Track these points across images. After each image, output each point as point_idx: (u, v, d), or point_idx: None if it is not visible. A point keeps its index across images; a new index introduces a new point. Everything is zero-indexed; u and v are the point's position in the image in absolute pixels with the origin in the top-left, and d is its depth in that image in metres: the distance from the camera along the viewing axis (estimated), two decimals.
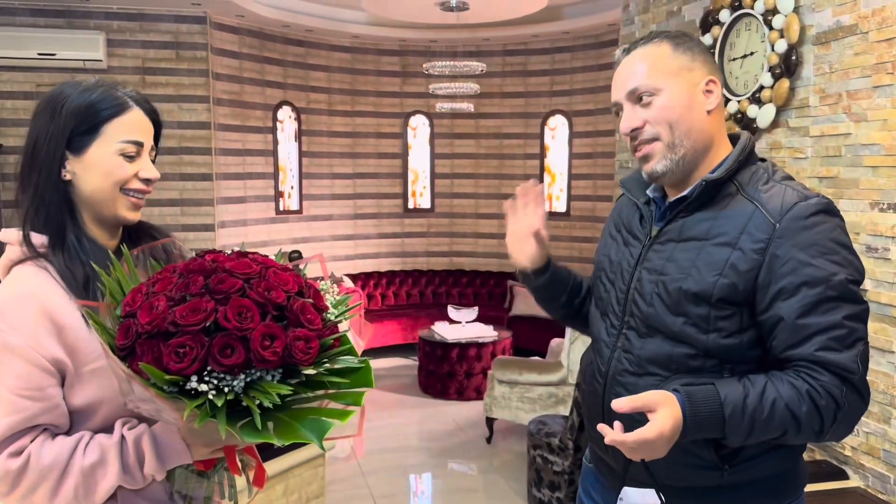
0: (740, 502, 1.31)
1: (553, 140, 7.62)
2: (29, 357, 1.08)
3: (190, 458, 1.10)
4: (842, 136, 2.78)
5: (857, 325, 1.21)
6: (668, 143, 1.29)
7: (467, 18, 6.43)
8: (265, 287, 0.96)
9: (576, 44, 7.29)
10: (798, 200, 1.24)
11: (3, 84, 5.73)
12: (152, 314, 0.93)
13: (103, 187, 1.18)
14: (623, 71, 1.33)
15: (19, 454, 1.07)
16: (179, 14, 6.00)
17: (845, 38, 2.75)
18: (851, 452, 2.75)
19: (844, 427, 1.22)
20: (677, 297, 1.27)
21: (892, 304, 2.55)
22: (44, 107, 1.19)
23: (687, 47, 1.32)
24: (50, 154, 1.16)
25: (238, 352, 0.92)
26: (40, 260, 1.15)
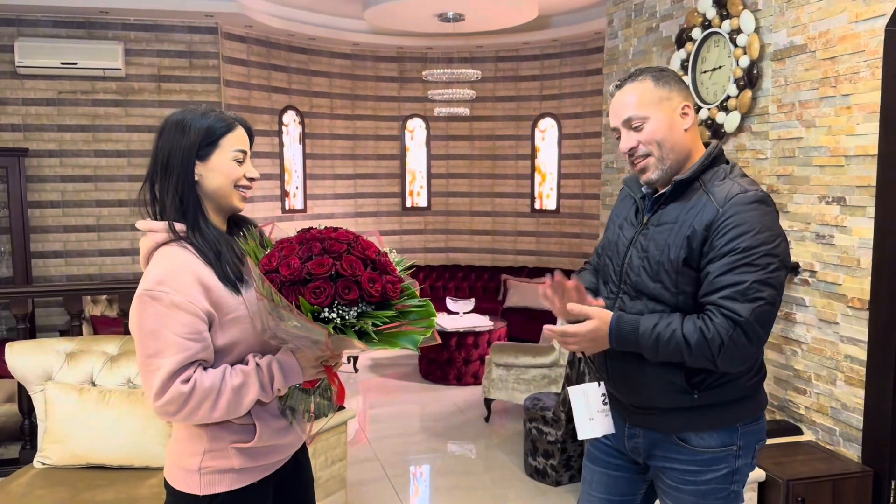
0: (710, 420, 1.74)
1: (543, 141, 8.04)
2: (190, 310, 1.47)
3: (302, 377, 1.52)
4: (795, 140, 3.22)
5: (763, 287, 1.58)
6: (658, 157, 1.71)
7: (463, 28, 6.81)
8: (361, 248, 1.40)
9: (564, 50, 7.70)
10: (738, 192, 1.65)
11: (28, 91, 6.09)
12: (291, 269, 1.36)
13: (224, 184, 1.59)
14: (617, 103, 1.75)
15: (188, 381, 1.46)
16: (192, 25, 6.37)
17: (797, 56, 3.19)
18: (805, 412, 3.19)
19: (731, 360, 1.61)
20: (656, 268, 1.70)
21: (836, 283, 2.99)
22: (171, 127, 1.58)
23: (664, 81, 1.73)
24: (185, 161, 1.56)
25: (354, 290, 1.35)
26: (181, 241, 1.55)
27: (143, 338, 1.46)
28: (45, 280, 6.22)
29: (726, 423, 1.74)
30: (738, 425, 1.74)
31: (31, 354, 2.69)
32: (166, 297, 1.45)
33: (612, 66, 4.77)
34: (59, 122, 6.18)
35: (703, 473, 1.74)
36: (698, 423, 1.73)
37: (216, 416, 1.49)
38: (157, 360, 1.45)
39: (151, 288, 1.46)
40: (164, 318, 1.44)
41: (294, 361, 1.51)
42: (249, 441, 1.56)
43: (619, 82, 1.80)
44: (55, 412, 2.62)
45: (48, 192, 6.21)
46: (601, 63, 7.31)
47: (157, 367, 1.45)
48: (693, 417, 1.73)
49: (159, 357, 1.45)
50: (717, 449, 1.73)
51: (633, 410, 1.82)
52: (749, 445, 1.76)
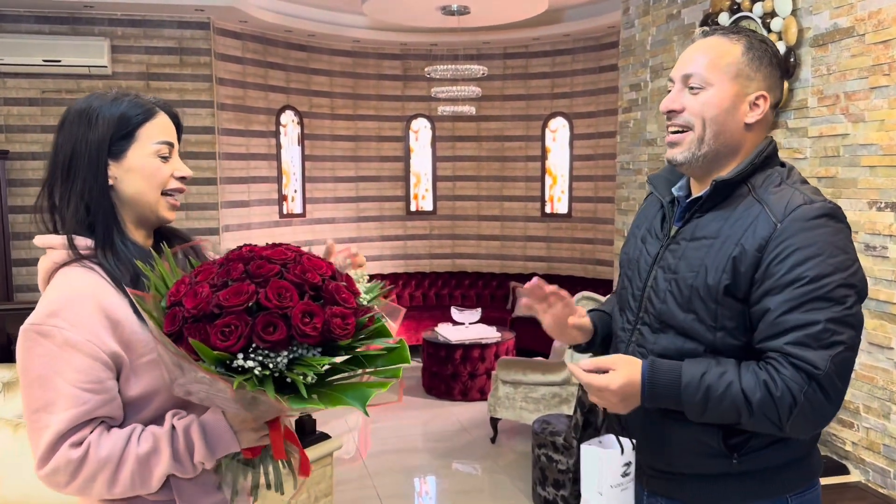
0: (752, 490, 1.35)
1: (554, 142, 7.68)
2: (89, 351, 1.13)
3: (238, 445, 1.15)
4: (840, 137, 2.82)
5: (840, 328, 1.22)
6: (698, 136, 1.34)
7: (468, 22, 6.48)
8: (301, 270, 1.03)
9: (576, 46, 7.34)
10: (802, 203, 1.27)
11: (9, 91, 5.79)
12: (197, 299, 0.99)
13: (145, 188, 1.25)
14: (691, 51, 1.37)
15: (80, 445, 1.13)
16: (183, 20, 6.06)
17: (842, 41, 2.79)
18: (852, 448, 2.79)
19: (805, 423, 1.24)
20: (688, 293, 1.32)
21: (891, 302, 2.60)
22: (75, 118, 1.24)
23: (757, 55, 1.34)
24: (93, 161, 1.22)
25: (280, 328, 0.98)
26: (86, 261, 1.21)
27: (29, 385, 1.15)
28: (29, 289, 5.92)
29: (773, 493, 1.35)
30: (787, 496, 1.36)
31: None
32: (59, 333, 1.13)
33: (627, 58, 4.39)
34: (43, 122, 5.87)
35: None
36: (737, 494, 1.35)
37: (118, 493, 1.16)
38: (44, 416, 1.13)
39: (41, 322, 1.14)
40: (56, 361, 1.13)
41: (224, 423, 1.15)
42: None
43: (709, 28, 1.42)
44: None
45: (31, 197, 5.87)
46: (615, 59, 6.95)
47: (44, 424, 1.13)
48: (730, 486, 1.35)
49: (47, 412, 1.13)
50: None
51: (654, 475, 1.43)
52: None
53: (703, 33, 1.40)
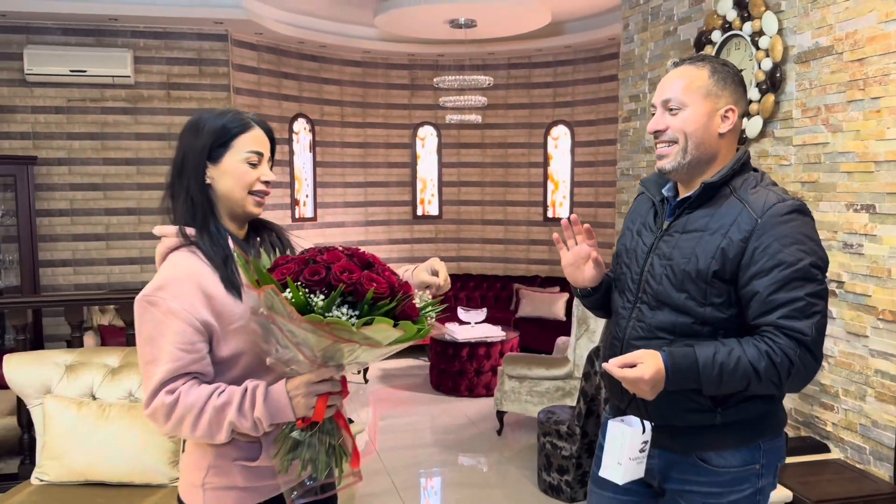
0: (732, 438, 1.63)
1: (556, 149, 7.94)
2: (186, 319, 1.40)
3: (292, 412, 1.39)
4: (821, 145, 3.10)
5: (816, 300, 1.51)
6: (682, 148, 1.60)
7: (475, 34, 6.74)
8: (357, 251, 1.34)
9: (577, 57, 7.61)
10: (777, 202, 1.55)
11: (37, 99, 6.05)
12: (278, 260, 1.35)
13: (234, 188, 1.52)
14: (666, 81, 1.65)
15: (173, 392, 1.40)
16: (202, 32, 6.33)
17: (823, 58, 3.07)
18: (832, 428, 3.06)
19: (799, 381, 1.53)
20: (681, 276, 1.59)
21: (866, 294, 2.87)
22: (188, 129, 1.53)
23: (721, 77, 1.62)
24: (196, 164, 1.50)
25: (321, 275, 1.28)
26: (191, 246, 1.49)
27: (142, 343, 1.43)
28: (54, 289, 6.17)
29: (749, 441, 1.64)
30: (760, 443, 1.65)
31: (29, 367, 2.61)
32: (163, 303, 1.41)
33: (627, 70, 4.67)
34: (69, 129, 6.14)
35: (725, 495, 1.64)
36: (720, 443, 1.63)
37: (199, 435, 1.42)
38: (151, 368, 1.41)
39: (150, 293, 1.43)
40: (160, 325, 1.41)
41: (282, 390, 1.40)
42: (254, 459, 1.48)
43: (678, 60, 1.72)
44: (53, 427, 2.53)
45: (57, 201, 6.16)
46: (615, 69, 7.22)
47: (151, 375, 1.41)
48: (715, 436, 1.62)
49: (154, 364, 1.41)
50: (740, 468, 1.63)
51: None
52: (771, 464, 1.67)
53: (673, 64, 1.69)
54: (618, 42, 7.09)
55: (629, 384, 1.51)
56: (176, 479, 2.57)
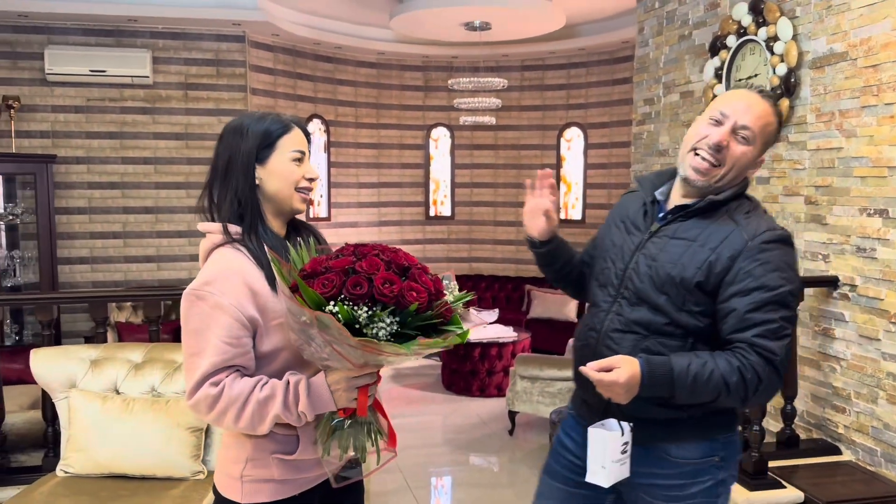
0: (693, 431, 1.70)
1: (569, 151, 7.98)
2: (232, 314, 1.45)
3: (333, 402, 1.45)
4: (835, 150, 3.12)
5: (788, 325, 1.60)
6: (723, 174, 1.66)
7: (489, 37, 6.78)
8: (394, 256, 1.36)
9: (591, 59, 7.64)
10: (767, 229, 1.63)
11: (57, 98, 6.14)
12: (314, 263, 1.34)
13: (283, 186, 1.57)
14: (751, 105, 1.67)
15: (217, 385, 1.44)
16: (220, 33, 6.40)
17: (837, 64, 3.10)
18: (844, 430, 3.08)
19: (763, 398, 1.62)
20: (664, 279, 1.65)
21: (879, 298, 2.89)
22: (231, 132, 1.58)
23: (775, 130, 1.71)
24: (244, 165, 1.55)
25: (364, 287, 1.30)
26: (235, 244, 1.54)
27: (188, 336, 1.48)
28: (71, 286, 6.26)
29: (708, 434, 1.71)
30: (718, 437, 1.72)
31: (55, 361, 2.67)
32: (211, 297, 1.45)
33: (642, 74, 4.70)
34: (87, 129, 6.22)
35: (687, 487, 1.71)
36: (680, 435, 1.70)
37: (241, 427, 1.47)
38: (196, 360, 1.46)
39: (198, 288, 1.47)
40: (207, 318, 1.45)
41: (324, 383, 1.45)
42: (292, 453, 1.53)
43: (763, 90, 1.76)
44: (78, 420, 2.59)
45: (75, 199, 6.25)
46: (629, 72, 7.25)
47: (196, 366, 1.46)
48: (675, 428, 1.69)
49: (199, 357, 1.46)
50: (700, 460, 1.70)
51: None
52: (731, 457, 1.75)
53: (759, 92, 1.71)
54: (632, 45, 7.11)
55: (604, 388, 1.56)
56: (198, 472, 2.62)
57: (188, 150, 6.39)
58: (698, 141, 1.67)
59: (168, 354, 2.81)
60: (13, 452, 3.07)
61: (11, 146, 5.83)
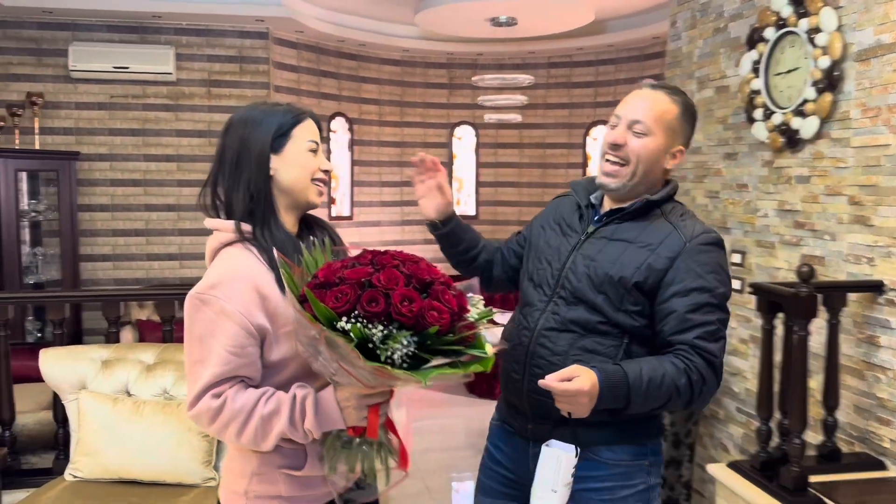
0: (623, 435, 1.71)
1: (596, 150, 7.81)
2: (239, 321, 1.34)
3: (342, 420, 1.34)
4: (881, 147, 2.95)
5: (723, 327, 1.65)
6: (631, 172, 1.69)
7: (515, 32, 6.66)
8: (415, 268, 1.22)
9: (620, 56, 7.48)
10: (702, 232, 1.68)
11: (81, 95, 6.12)
12: (327, 271, 1.20)
13: (300, 176, 1.48)
14: (639, 100, 1.70)
15: (219, 396, 1.34)
16: (243, 30, 6.34)
17: (885, 56, 2.92)
18: (890, 444, 2.90)
19: (705, 399, 1.65)
20: (602, 279, 1.68)
21: None
22: (242, 122, 1.49)
23: (685, 118, 1.72)
24: (259, 154, 1.45)
25: (381, 304, 1.17)
26: (246, 242, 1.44)
27: (191, 342, 1.38)
28: (94, 283, 6.24)
29: (637, 439, 1.73)
30: (647, 442, 1.75)
31: (65, 362, 2.60)
32: (216, 303, 1.35)
33: (674, 69, 4.54)
34: (111, 125, 6.20)
35: (619, 490, 1.71)
36: (611, 437, 1.70)
37: (244, 442, 1.37)
38: (199, 369, 1.36)
39: (203, 291, 1.37)
40: (212, 325, 1.35)
41: (332, 399, 1.34)
42: (300, 469, 1.42)
43: (656, 83, 1.77)
44: (88, 423, 2.51)
45: (98, 196, 6.23)
46: (659, 69, 7.07)
47: (198, 376, 1.36)
48: (606, 431, 1.69)
49: (201, 366, 1.36)
50: (630, 462, 1.72)
51: (540, 423, 1.72)
52: (657, 464, 1.78)
53: (650, 86, 1.74)
54: (662, 41, 6.94)
55: (567, 399, 1.50)
56: (209, 479, 2.53)
57: (211, 147, 6.33)
58: (604, 146, 1.73)
59: (181, 355, 2.73)
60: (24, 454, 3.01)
61: (35, 143, 5.82)
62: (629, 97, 1.73)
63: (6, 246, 5.30)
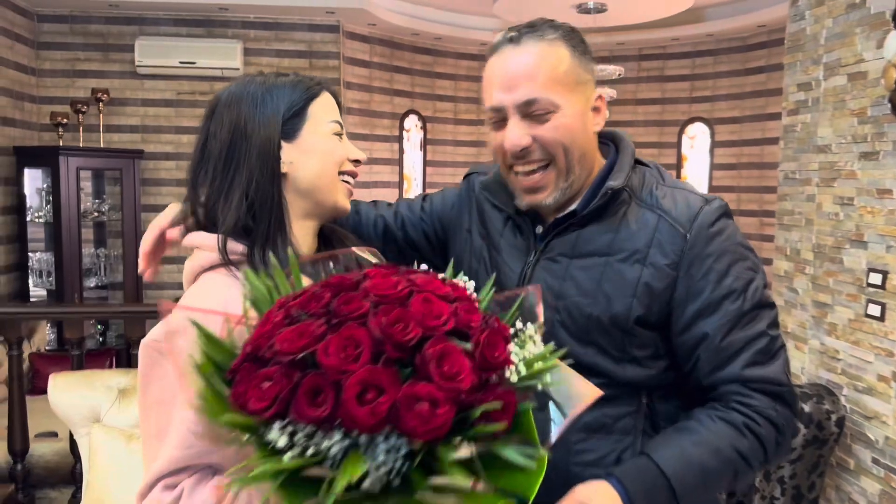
0: None
1: (692, 149, 7.19)
2: None
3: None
4: None
5: (777, 331, 1.15)
6: (563, 168, 1.15)
7: (603, 21, 6.13)
8: (395, 317, 0.68)
9: (720, 47, 6.84)
10: (701, 204, 1.16)
11: (147, 92, 5.94)
12: (261, 329, 0.72)
13: (325, 170, 1.09)
14: (512, 69, 1.13)
15: (172, 489, 0.95)
16: (313, 23, 6.03)
17: None
18: None
19: (784, 448, 1.14)
20: (584, 323, 1.13)
21: None
22: (232, 103, 1.08)
23: (582, 51, 1.17)
24: (264, 143, 1.05)
25: (327, 400, 0.65)
26: (232, 269, 1.03)
27: (146, 407, 1.01)
28: (158, 287, 6.04)
29: None
30: None
31: (76, 389, 2.25)
32: (179, 358, 0.92)
33: (795, 54, 3.90)
34: (177, 123, 5.99)
35: None
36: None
37: None
38: (155, 444, 0.98)
39: (162, 339, 0.97)
40: (172, 388, 0.94)
41: None
42: None
43: (512, 33, 1.16)
44: (98, 463, 2.16)
45: (163, 196, 6.02)
46: (763, 60, 6.40)
47: (153, 456, 0.98)
48: None
49: (158, 440, 0.97)
50: None
51: None
52: None
53: (509, 40, 1.15)
54: (769, 29, 6.29)
55: None
56: None
57: None
58: (503, 157, 1.19)
59: None
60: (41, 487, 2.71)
61: (100, 141, 5.66)
62: (497, 74, 1.15)
63: (67, 247, 5.14)
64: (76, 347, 2.49)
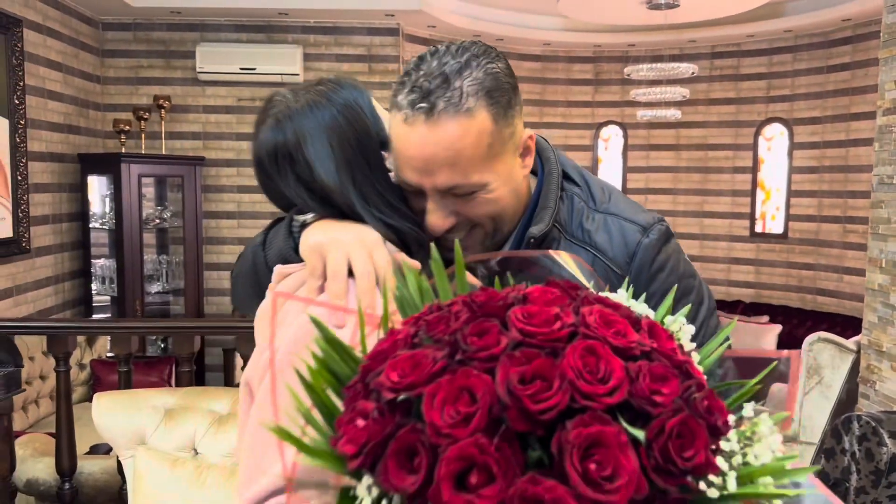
0: None
1: (769, 152, 6.80)
2: None
3: None
4: None
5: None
6: (490, 231, 1.05)
7: (675, 17, 5.83)
8: (533, 370, 0.48)
9: (799, 43, 6.45)
10: (639, 238, 1.05)
11: (208, 98, 5.93)
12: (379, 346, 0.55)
13: None
14: (428, 153, 0.95)
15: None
16: (373, 27, 5.93)
17: None
18: None
19: None
20: None
21: None
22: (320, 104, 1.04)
23: (506, 103, 1.00)
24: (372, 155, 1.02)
25: (421, 468, 0.47)
26: None
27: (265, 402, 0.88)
28: (219, 293, 6.04)
29: None
30: None
31: (121, 410, 2.15)
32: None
33: (891, 48, 3.57)
34: (238, 130, 5.97)
35: None
36: None
37: None
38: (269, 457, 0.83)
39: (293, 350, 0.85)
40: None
41: None
42: None
43: (423, 104, 0.93)
44: (143, 488, 2.05)
45: (224, 203, 6.02)
46: (847, 56, 6.00)
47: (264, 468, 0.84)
48: None
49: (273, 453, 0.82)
50: None
51: None
52: None
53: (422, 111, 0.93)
54: (854, 24, 5.89)
55: None
56: None
57: None
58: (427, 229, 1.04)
59: None
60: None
61: (161, 147, 5.68)
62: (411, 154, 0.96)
63: (129, 253, 5.15)
64: (123, 364, 2.40)
